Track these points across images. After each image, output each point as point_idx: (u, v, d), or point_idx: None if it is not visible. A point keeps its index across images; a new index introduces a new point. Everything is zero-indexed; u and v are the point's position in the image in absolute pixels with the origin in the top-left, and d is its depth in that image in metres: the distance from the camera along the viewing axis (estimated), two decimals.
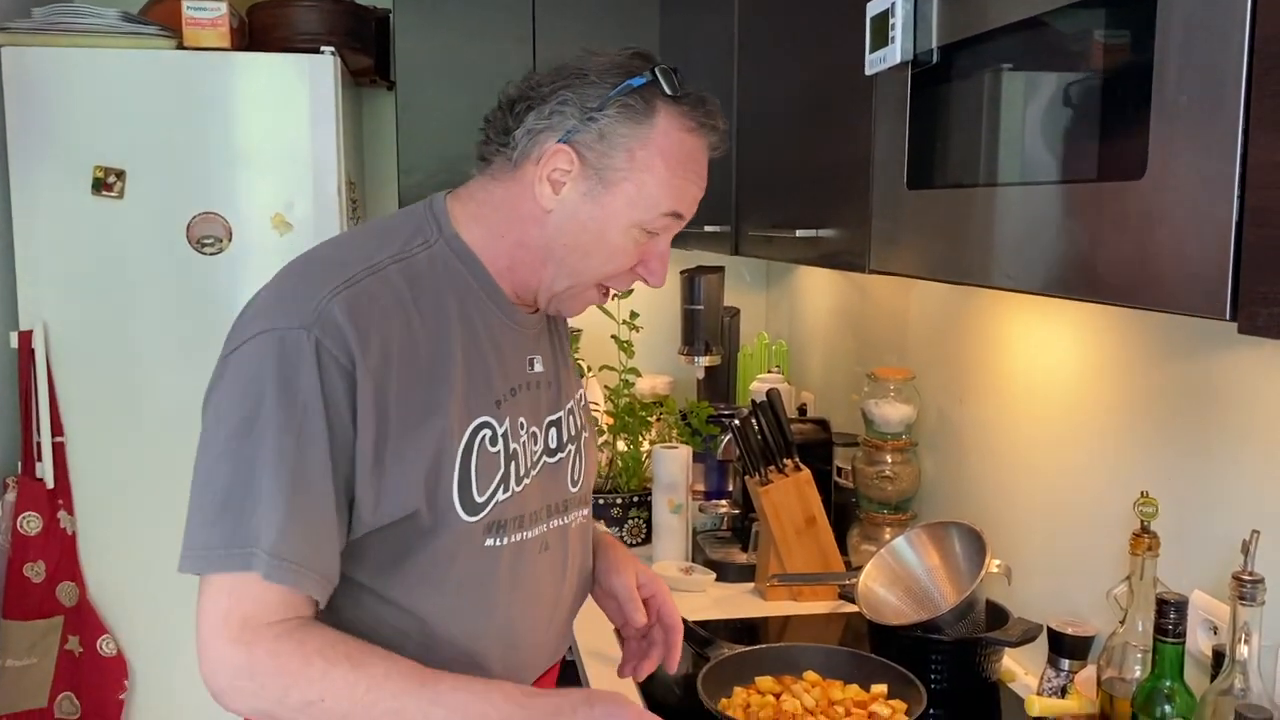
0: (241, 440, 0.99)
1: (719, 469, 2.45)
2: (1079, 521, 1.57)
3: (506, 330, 1.16)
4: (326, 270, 1.07)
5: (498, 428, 1.11)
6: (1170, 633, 1.17)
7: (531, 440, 1.16)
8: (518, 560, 1.14)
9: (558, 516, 1.20)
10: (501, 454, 1.11)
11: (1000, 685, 1.62)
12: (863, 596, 1.69)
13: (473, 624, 1.12)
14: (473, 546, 1.10)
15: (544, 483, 1.18)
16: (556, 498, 1.20)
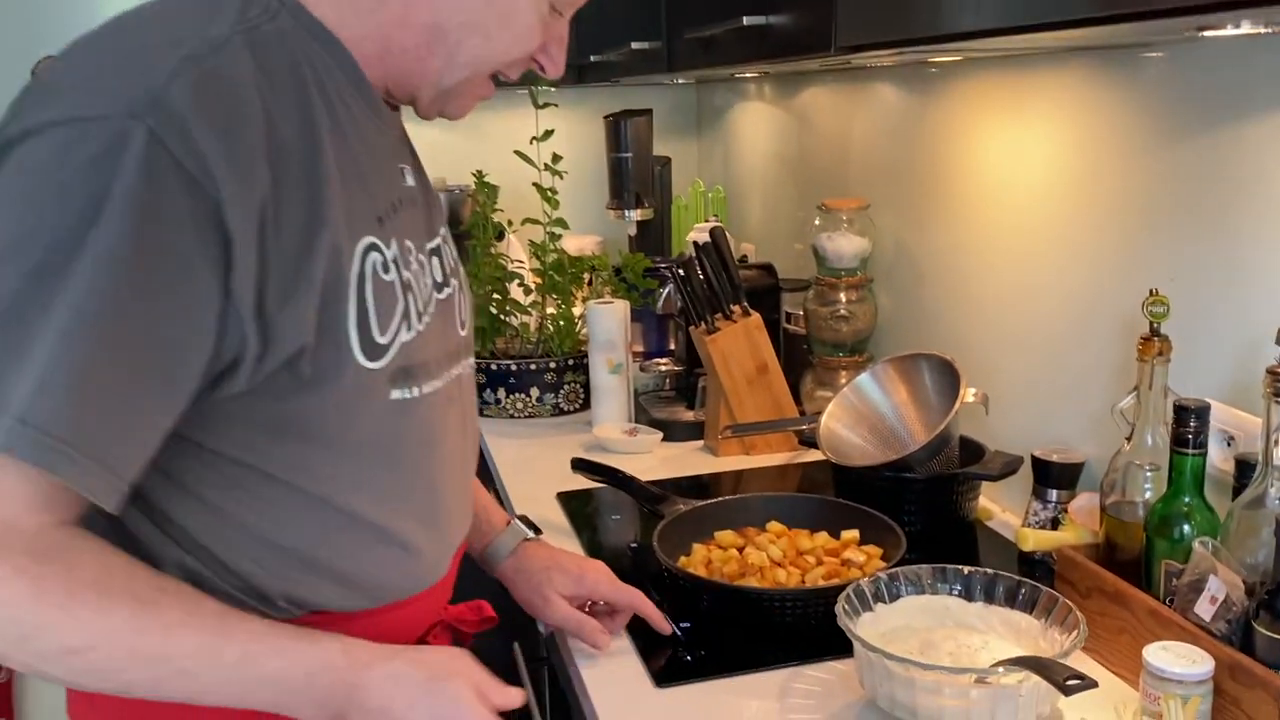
0: (14, 268, 0.72)
1: (658, 326, 2.27)
2: (1063, 341, 1.43)
3: (377, 133, 0.93)
4: (152, 42, 0.80)
5: (386, 251, 0.89)
6: (1191, 443, 1.04)
7: (421, 270, 0.95)
8: (430, 416, 0.95)
9: (454, 363, 1.01)
10: (397, 284, 0.90)
11: (978, 524, 1.50)
12: (825, 439, 1.54)
13: (390, 498, 0.93)
14: (377, 400, 0.89)
15: (441, 323, 0.98)
16: (452, 342, 1.00)
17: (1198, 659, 0.95)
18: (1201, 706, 0.94)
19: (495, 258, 2.06)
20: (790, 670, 1.14)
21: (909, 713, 0.99)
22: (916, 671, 0.96)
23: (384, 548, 0.92)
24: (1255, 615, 0.94)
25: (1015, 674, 0.94)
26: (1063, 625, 1.03)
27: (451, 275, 1.03)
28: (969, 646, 1.06)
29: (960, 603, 1.12)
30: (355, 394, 0.86)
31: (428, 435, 0.95)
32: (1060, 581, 1.17)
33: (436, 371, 0.95)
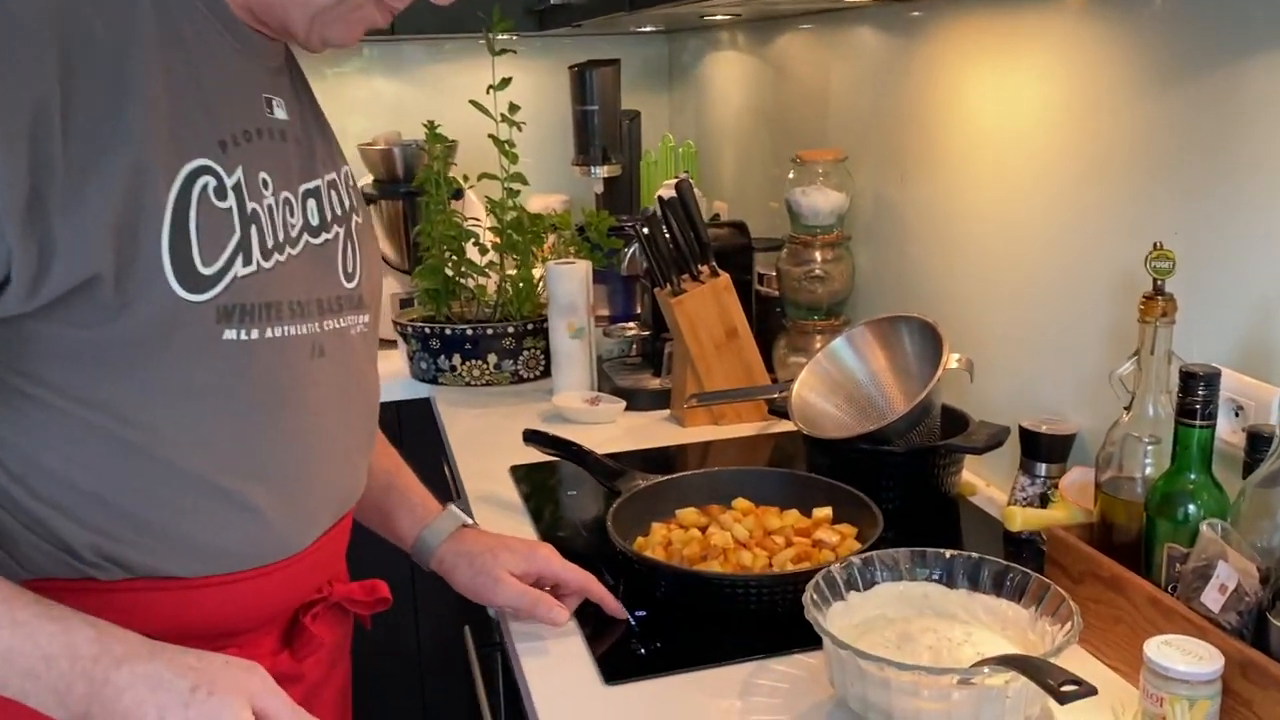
0: None
1: (624, 288, 2.15)
2: (1056, 302, 1.32)
3: (232, 54, 0.85)
4: None
5: (225, 177, 0.81)
6: (1198, 413, 0.93)
7: (285, 209, 0.87)
8: (278, 363, 0.86)
9: (332, 316, 0.92)
10: (235, 213, 0.82)
11: (960, 501, 1.40)
12: (797, 409, 1.43)
13: (227, 455, 0.84)
14: (202, 337, 0.80)
15: (309, 267, 0.90)
16: (328, 291, 0.92)
17: (1205, 655, 0.85)
18: (1210, 709, 0.84)
19: (449, 215, 1.93)
20: (754, 664, 1.03)
21: (883, 715, 0.88)
22: (892, 671, 0.85)
23: (220, 508, 0.84)
24: (1270, 606, 0.84)
25: (1002, 674, 0.83)
26: (1054, 616, 0.93)
27: (336, 223, 0.94)
28: (950, 639, 0.96)
29: (941, 590, 1.01)
30: (173, 329, 0.78)
31: (279, 387, 0.86)
32: (1050, 565, 1.07)
33: (294, 318, 0.86)
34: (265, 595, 0.90)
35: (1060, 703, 0.76)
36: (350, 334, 0.95)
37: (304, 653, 0.96)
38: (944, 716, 0.85)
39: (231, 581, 0.87)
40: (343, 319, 0.93)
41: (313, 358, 0.89)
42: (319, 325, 0.89)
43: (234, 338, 0.81)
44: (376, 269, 1.02)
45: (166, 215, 0.77)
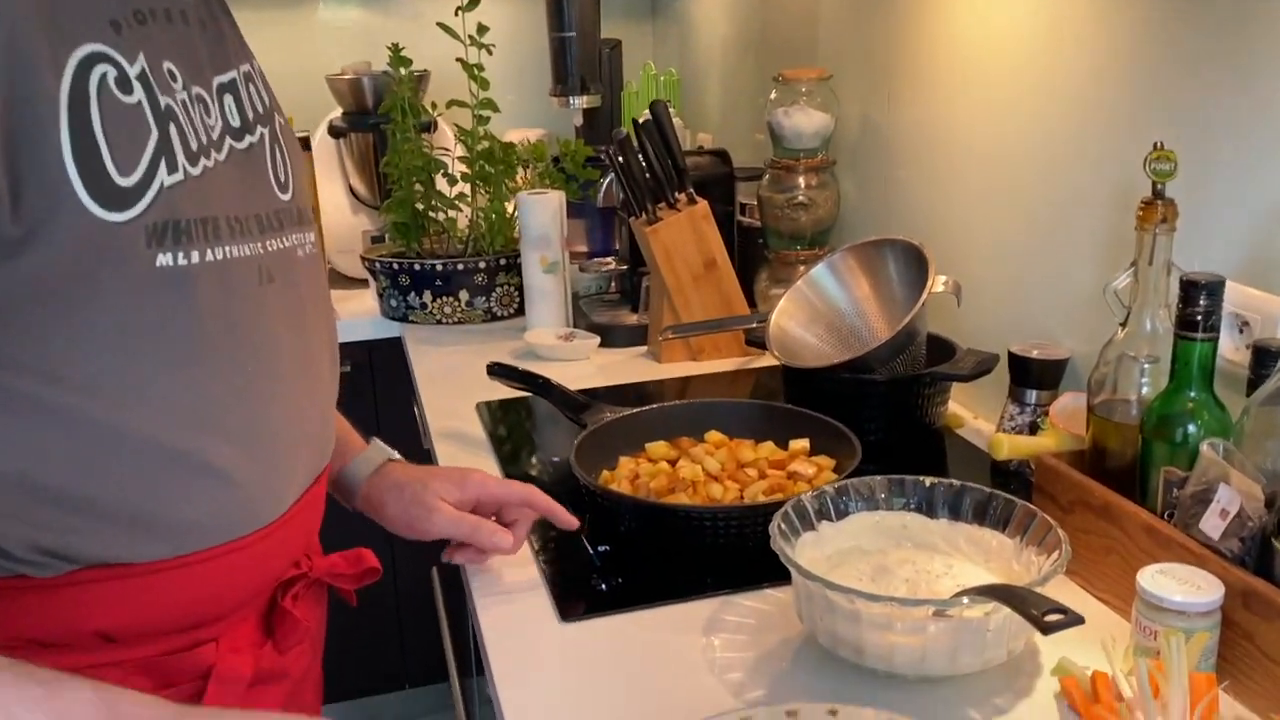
0: None
1: (603, 224, 2.07)
2: (1047, 218, 1.24)
3: None
4: None
5: (126, 66, 0.67)
6: (1200, 325, 0.85)
7: (199, 107, 0.73)
8: (225, 293, 0.72)
9: (274, 234, 0.78)
10: (146, 108, 0.68)
11: (947, 432, 1.32)
12: (775, 339, 1.36)
13: (179, 408, 0.70)
14: (133, 266, 0.66)
15: (240, 175, 0.76)
16: (264, 205, 0.78)
17: (1204, 585, 0.78)
18: (1208, 642, 0.77)
19: (416, 144, 1.84)
20: (721, 600, 0.97)
21: (854, 651, 0.81)
22: (862, 604, 0.78)
23: (177, 475, 0.71)
24: (1276, 531, 0.77)
25: (981, 605, 0.76)
26: (1040, 545, 0.86)
27: (260, 123, 0.81)
28: (929, 572, 0.89)
29: (920, 520, 0.94)
30: (96, 260, 0.64)
31: (229, 322, 0.73)
32: (1039, 494, 1.00)
33: (235, 237, 0.73)
34: (240, 574, 0.77)
35: (1044, 633, 0.69)
36: (297, 255, 0.82)
37: (288, 642, 0.83)
38: (919, 651, 0.79)
39: (199, 561, 0.73)
40: (286, 237, 0.80)
41: (261, 283, 0.76)
42: (261, 246, 0.76)
43: (170, 264, 0.67)
44: (308, 180, 0.92)
45: (62, 114, 0.63)
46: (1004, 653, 0.80)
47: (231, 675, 0.77)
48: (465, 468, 1.05)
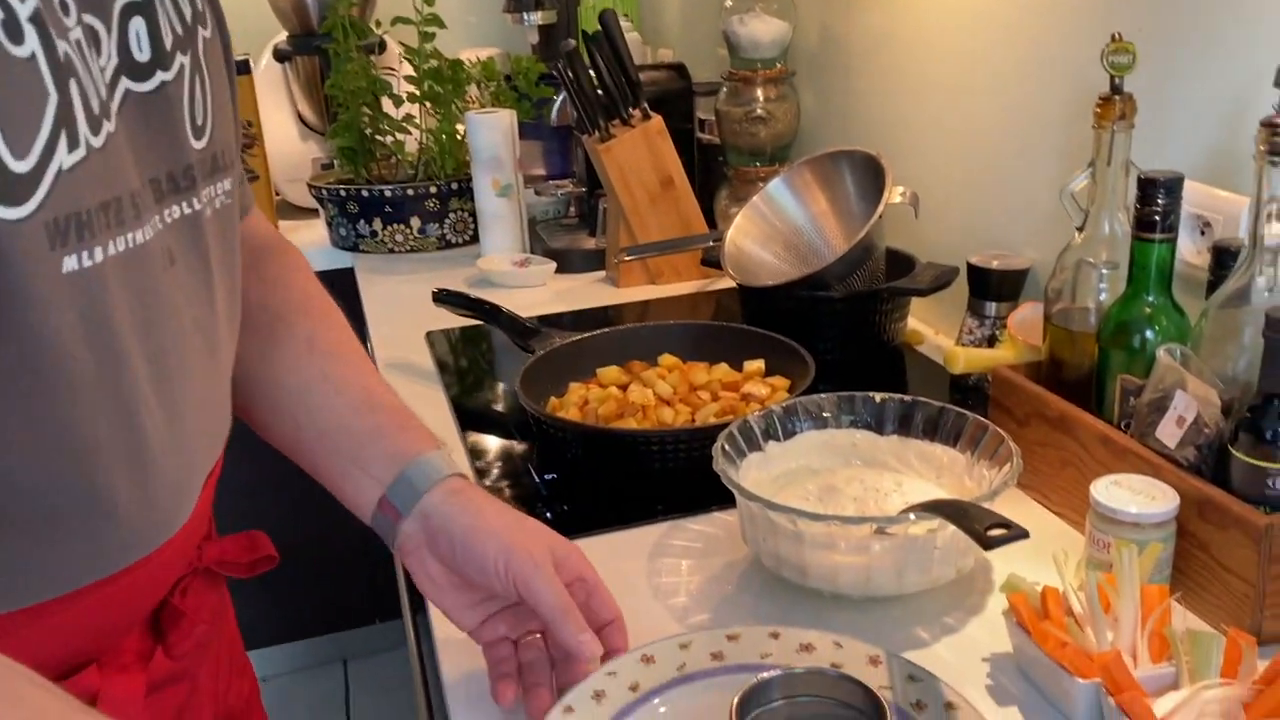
0: None
1: (560, 146, 2.00)
2: (1006, 126, 1.19)
3: None
4: None
5: (15, 2, 0.49)
6: (1158, 225, 0.81)
7: (90, 43, 0.55)
8: (135, 287, 0.58)
9: (177, 198, 0.62)
10: (42, 61, 0.50)
11: (906, 349, 1.29)
12: (731, 258, 1.31)
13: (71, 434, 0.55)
14: (37, 275, 0.51)
15: (144, 127, 0.59)
16: (172, 161, 0.61)
17: (1158, 495, 0.75)
18: (1161, 554, 0.74)
19: (361, 64, 1.76)
20: (668, 525, 0.94)
21: (797, 572, 0.79)
22: (804, 524, 0.75)
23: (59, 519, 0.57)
24: (1233, 439, 0.74)
25: (926, 522, 0.73)
26: (993, 459, 0.83)
27: (178, 51, 0.62)
28: (879, 490, 0.86)
29: (870, 437, 0.91)
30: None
31: (138, 324, 0.58)
32: (995, 408, 0.97)
33: (140, 217, 0.57)
34: (125, 601, 0.64)
35: (986, 548, 0.66)
36: (203, 219, 0.64)
37: (180, 649, 0.70)
38: (863, 571, 0.76)
39: (74, 599, 0.60)
40: (195, 199, 0.63)
41: (165, 268, 0.60)
42: (162, 219, 0.60)
43: (78, 268, 0.52)
44: (228, 103, 0.69)
45: None
46: (952, 570, 0.78)
47: (121, 697, 0.65)
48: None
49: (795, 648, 0.71)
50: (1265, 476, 0.71)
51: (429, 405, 1.22)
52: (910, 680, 0.68)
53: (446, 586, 0.72)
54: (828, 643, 0.70)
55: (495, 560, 0.67)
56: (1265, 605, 0.71)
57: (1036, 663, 0.69)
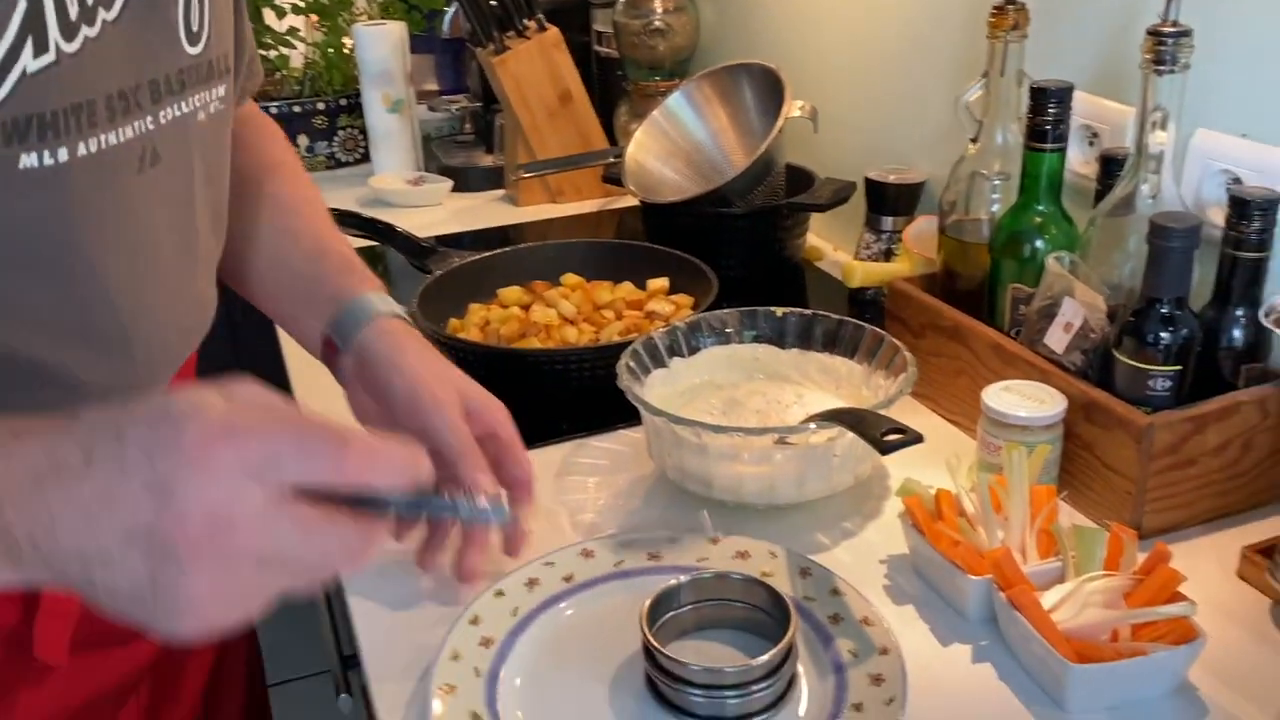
0: None
1: (453, 60, 1.94)
2: (903, 44, 1.19)
3: None
4: None
5: None
6: (1049, 135, 0.82)
7: None
8: (99, 189, 0.59)
9: (171, 100, 0.63)
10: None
11: (806, 265, 1.30)
12: (632, 174, 1.29)
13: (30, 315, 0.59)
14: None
15: (134, 37, 0.59)
16: (165, 67, 0.62)
17: (1046, 399, 0.78)
18: (1049, 455, 0.77)
19: None
20: (574, 444, 0.93)
21: (702, 484, 0.79)
22: (708, 436, 0.76)
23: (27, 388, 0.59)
24: (1117, 343, 0.76)
25: (826, 431, 0.75)
26: (889, 369, 0.84)
27: None
28: (780, 402, 0.87)
29: (771, 351, 0.92)
30: None
31: (96, 223, 0.59)
32: (891, 320, 0.98)
33: (116, 119, 0.58)
34: None
35: (882, 453, 0.68)
36: (195, 121, 0.65)
37: None
38: (767, 480, 0.77)
39: None
40: (186, 101, 0.64)
41: (141, 171, 0.61)
42: (152, 120, 0.61)
43: (36, 165, 0.54)
44: (230, 13, 0.70)
45: None
46: (850, 477, 0.79)
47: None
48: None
49: (733, 554, 0.73)
50: (1147, 378, 0.74)
51: None
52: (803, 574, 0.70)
53: (377, 420, 0.75)
54: (763, 550, 0.73)
55: (401, 396, 0.71)
56: (1145, 501, 0.74)
57: (931, 562, 0.72)
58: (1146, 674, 0.62)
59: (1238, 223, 0.73)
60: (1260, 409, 0.75)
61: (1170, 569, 0.63)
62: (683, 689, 0.61)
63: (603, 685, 0.65)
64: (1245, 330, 0.76)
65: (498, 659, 0.66)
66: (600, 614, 0.70)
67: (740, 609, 0.67)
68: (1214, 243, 0.77)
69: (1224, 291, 0.76)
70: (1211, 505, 0.77)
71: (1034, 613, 0.63)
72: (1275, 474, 0.79)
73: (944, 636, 0.69)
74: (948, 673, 0.66)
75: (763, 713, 0.62)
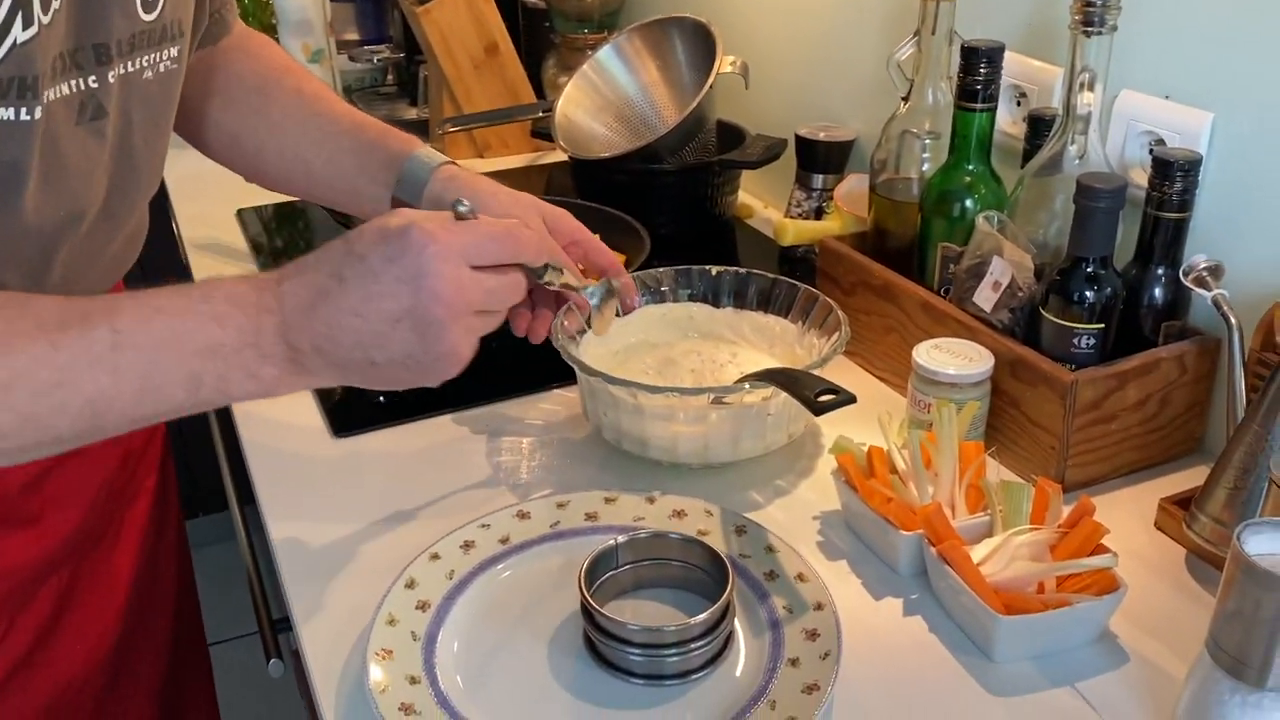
0: None
1: (374, 5, 1.87)
2: (836, 1, 1.19)
3: None
4: None
5: None
6: (979, 95, 0.83)
7: None
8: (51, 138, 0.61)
9: (122, 61, 0.65)
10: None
11: (737, 223, 1.30)
12: (562, 129, 1.27)
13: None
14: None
15: (79, 5, 0.61)
16: (119, 32, 0.64)
17: (975, 356, 0.79)
18: (978, 411, 0.79)
19: None
20: (510, 403, 0.92)
21: (638, 444, 0.79)
22: (644, 396, 0.75)
23: None
24: (1044, 301, 0.78)
25: (760, 391, 0.75)
26: (822, 328, 0.85)
27: None
28: (715, 361, 0.87)
29: (706, 310, 0.92)
30: None
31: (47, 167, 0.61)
32: (822, 278, 0.99)
33: (60, 75, 0.60)
34: None
35: (816, 413, 0.68)
36: (143, 79, 0.68)
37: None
38: (701, 440, 0.77)
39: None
40: (134, 61, 0.66)
41: (81, 122, 0.63)
42: (102, 79, 0.63)
43: (13, 118, 0.57)
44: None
45: None
46: (784, 436, 0.80)
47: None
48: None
49: (669, 513, 0.74)
50: (1072, 336, 0.76)
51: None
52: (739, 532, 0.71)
53: None
54: (699, 509, 0.74)
55: (524, 212, 0.78)
56: (1069, 455, 0.76)
57: (863, 518, 0.73)
58: (1071, 624, 0.64)
59: (1160, 184, 0.75)
60: (1179, 365, 0.78)
61: (1094, 522, 0.65)
62: (622, 648, 0.61)
63: (541, 646, 0.65)
64: (1165, 289, 0.78)
65: (435, 622, 0.65)
66: (537, 575, 0.70)
67: (678, 568, 0.68)
68: (1137, 203, 0.78)
69: (1146, 251, 0.78)
70: (1131, 459, 0.80)
71: (964, 567, 0.65)
72: (1191, 428, 0.81)
73: (876, 591, 0.70)
74: (880, 626, 0.68)
75: (701, 669, 0.62)
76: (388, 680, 0.60)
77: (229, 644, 1.83)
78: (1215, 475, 0.68)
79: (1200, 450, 0.83)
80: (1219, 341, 0.79)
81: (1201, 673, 0.55)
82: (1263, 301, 0.74)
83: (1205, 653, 0.55)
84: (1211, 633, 0.54)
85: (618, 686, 0.62)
